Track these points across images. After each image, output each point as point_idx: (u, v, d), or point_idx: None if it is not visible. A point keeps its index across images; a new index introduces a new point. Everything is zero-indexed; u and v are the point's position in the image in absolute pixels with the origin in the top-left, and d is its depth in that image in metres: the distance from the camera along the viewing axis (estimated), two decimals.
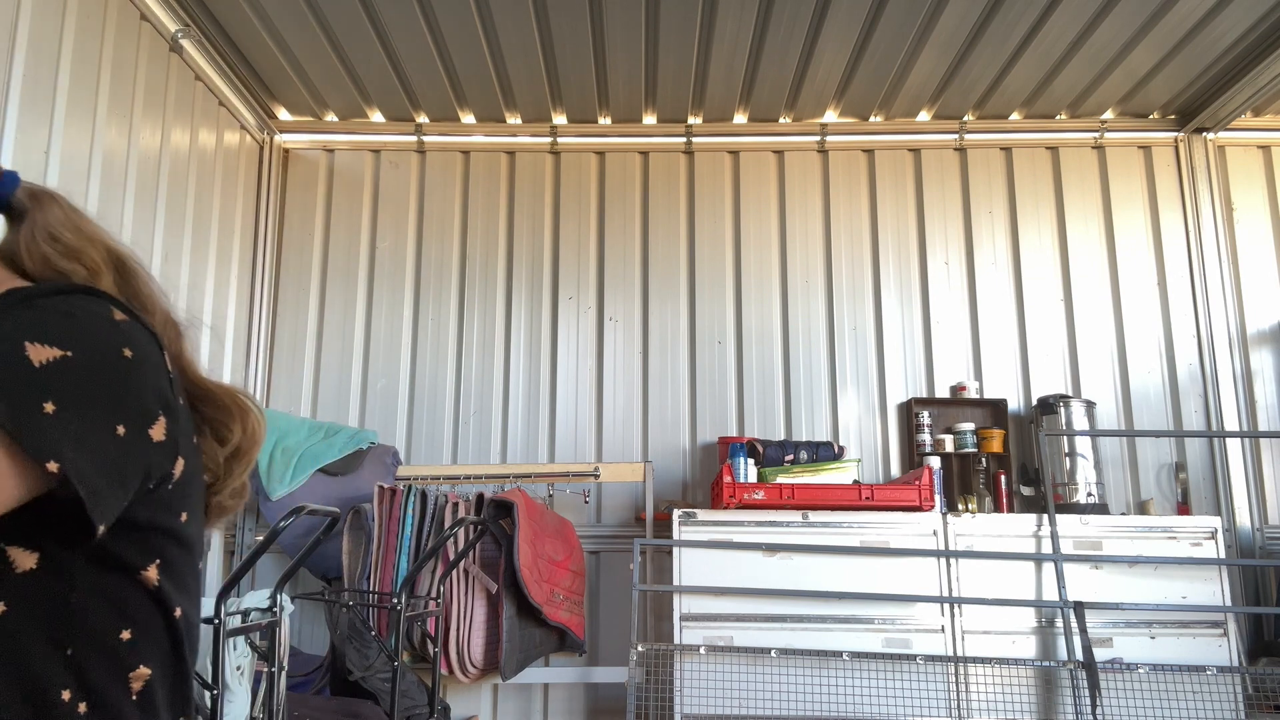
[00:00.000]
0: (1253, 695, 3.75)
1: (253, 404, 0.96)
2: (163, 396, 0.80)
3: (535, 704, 4.37)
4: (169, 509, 0.82)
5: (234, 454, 0.93)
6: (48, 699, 0.71)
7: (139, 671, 0.79)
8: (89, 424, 0.71)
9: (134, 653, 0.78)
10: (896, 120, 4.90)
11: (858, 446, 4.63)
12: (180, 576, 0.83)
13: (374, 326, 4.81)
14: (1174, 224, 4.79)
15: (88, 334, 0.74)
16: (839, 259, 4.84)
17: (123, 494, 0.74)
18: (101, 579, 0.76)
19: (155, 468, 0.78)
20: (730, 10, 3.92)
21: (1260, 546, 4.39)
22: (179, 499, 0.83)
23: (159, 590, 0.80)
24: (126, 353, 0.76)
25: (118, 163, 3.59)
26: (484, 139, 4.98)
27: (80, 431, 0.70)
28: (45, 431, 0.68)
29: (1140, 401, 4.61)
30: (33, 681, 0.71)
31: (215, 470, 0.92)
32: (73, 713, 0.73)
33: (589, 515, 4.58)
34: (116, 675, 0.77)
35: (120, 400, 0.75)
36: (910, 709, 3.67)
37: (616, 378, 4.74)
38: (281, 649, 2.58)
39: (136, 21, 3.71)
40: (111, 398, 0.74)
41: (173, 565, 0.82)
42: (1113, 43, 4.17)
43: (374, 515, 3.86)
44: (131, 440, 0.75)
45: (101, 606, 0.76)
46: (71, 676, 0.73)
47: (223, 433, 0.92)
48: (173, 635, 0.82)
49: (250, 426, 0.95)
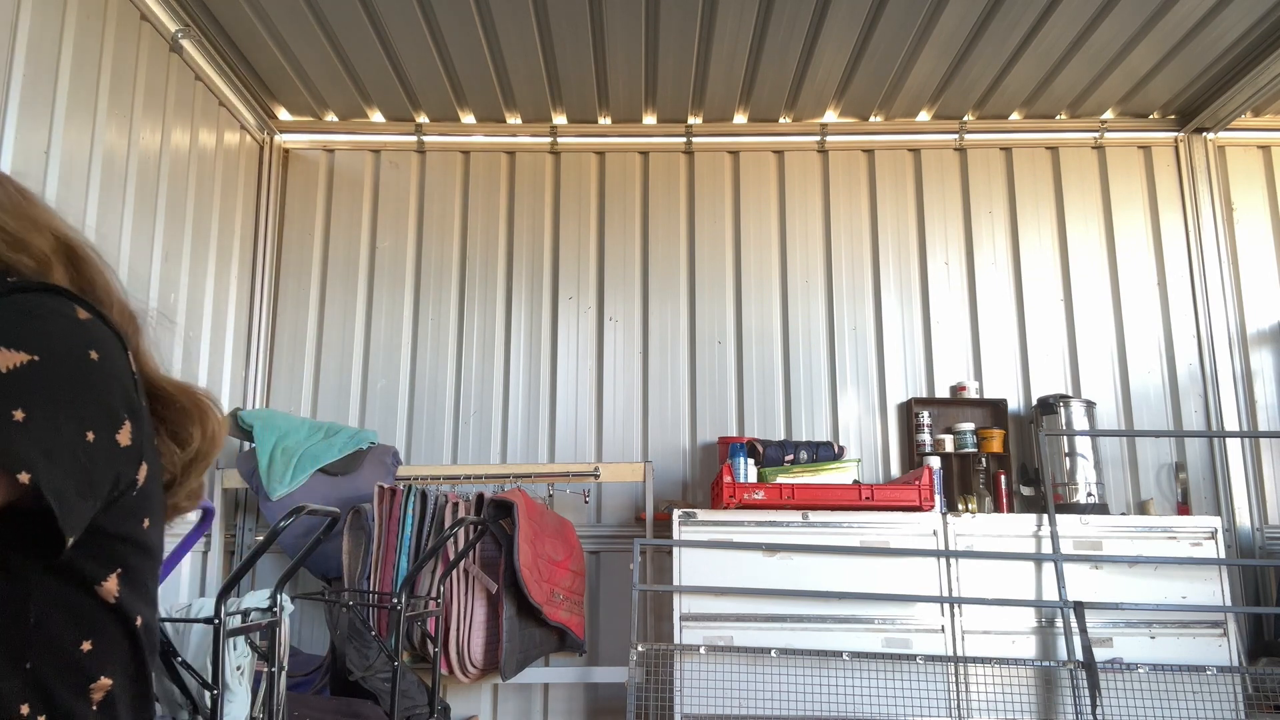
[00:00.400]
0: (1253, 695, 3.75)
1: (213, 405, 0.92)
2: (128, 399, 0.77)
3: (535, 704, 4.37)
4: (133, 516, 0.79)
5: (194, 458, 0.90)
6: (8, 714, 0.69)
7: (100, 682, 0.77)
8: (59, 432, 0.68)
9: (95, 663, 0.76)
10: (896, 120, 4.90)
11: (858, 446, 4.63)
12: (141, 584, 0.81)
13: (374, 326, 4.81)
14: (1174, 224, 4.79)
15: (52, 336, 0.71)
16: (839, 259, 4.84)
17: (92, 504, 0.72)
18: (61, 590, 0.73)
19: (123, 475, 0.76)
20: (730, 10, 3.92)
21: (1260, 546, 4.39)
22: (142, 505, 0.80)
23: (118, 601, 0.78)
24: (93, 355, 0.74)
25: (118, 163, 3.59)
26: (484, 139, 4.98)
27: (51, 440, 0.67)
28: (15, 441, 0.65)
29: (1140, 401, 4.61)
30: None
31: (173, 472, 0.88)
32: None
33: (589, 515, 4.58)
34: (77, 687, 0.74)
35: (88, 405, 0.72)
36: (910, 709, 3.67)
37: (616, 378, 4.74)
38: (281, 649, 2.58)
39: (136, 21, 3.71)
40: (80, 403, 0.71)
41: (134, 573, 0.80)
42: (1113, 43, 4.17)
43: (374, 515, 3.86)
44: (100, 447, 0.72)
45: (61, 618, 0.73)
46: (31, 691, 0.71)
47: (182, 435, 0.88)
48: (133, 643, 0.80)
49: (211, 429, 0.90)
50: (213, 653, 2.31)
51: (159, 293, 3.88)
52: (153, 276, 3.84)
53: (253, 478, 4.14)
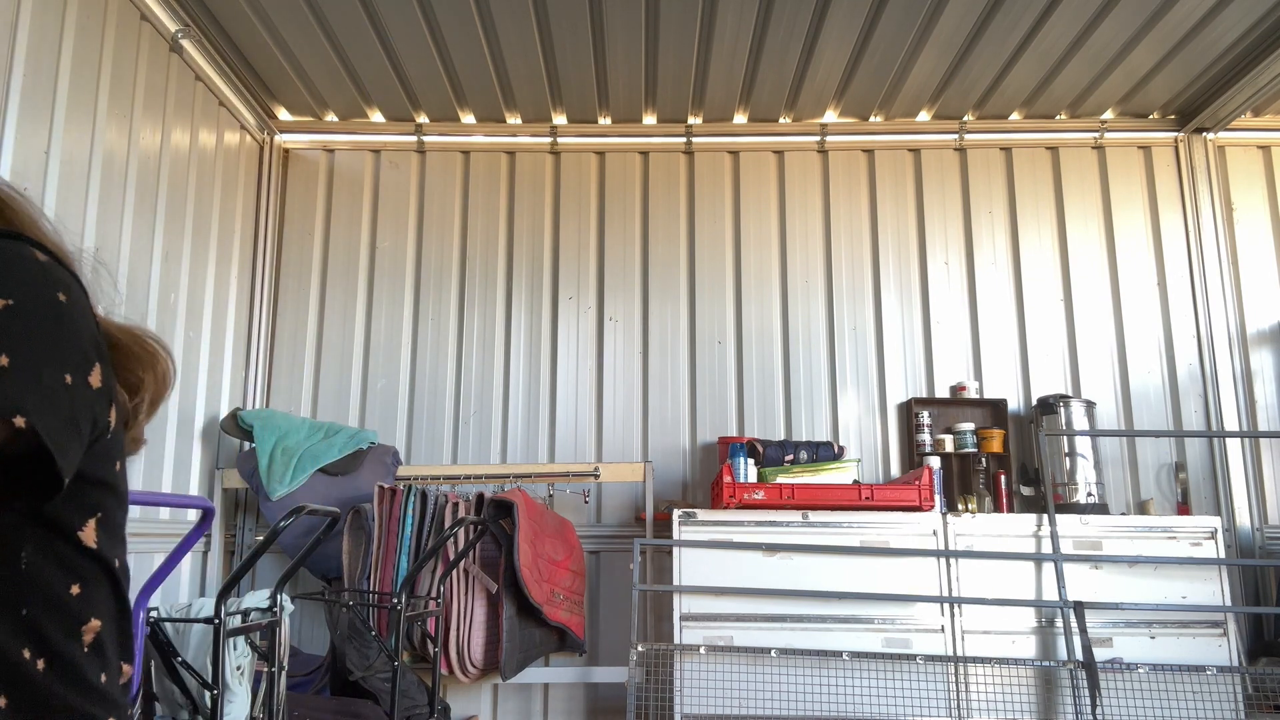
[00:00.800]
0: (1253, 695, 3.75)
1: (160, 347, 0.91)
2: (95, 341, 0.77)
3: (535, 704, 4.37)
4: (108, 459, 0.81)
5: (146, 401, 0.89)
6: (9, 660, 0.71)
7: (91, 624, 0.79)
8: (43, 375, 0.69)
9: (84, 607, 0.78)
10: (896, 120, 4.90)
11: (858, 446, 4.63)
12: (116, 527, 0.83)
13: (374, 326, 4.82)
14: (1174, 224, 4.79)
15: (22, 279, 0.71)
16: (839, 259, 4.84)
17: (80, 445, 0.73)
18: (46, 538, 0.75)
19: (98, 417, 0.77)
20: (730, 10, 3.92)
21: (1260, 546, 4.39)
22: (115, 448, 0.82)
23: (98, 546, 0.80)
24: (61, 297, 0.73)
25: (118, 163, 3.59)
26: (484, 139, 4.98)
27: (36, 384, 0.68)
28: (5, 385, 0.65)
29: (1140, 401, 4.61)
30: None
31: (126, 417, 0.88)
32: (33, 671, 0.73)
33: (589, 515, 4.58)
34: (70, 631, 0.77)
35: (63, 348, 0.72)
36: (910, 709, 3.67)
37: (616, 378, 4.74)
38: (281, 649, 2.59)
39: (136, 21, 3.71)
40: (55, 346, 0.71)
41: (109, 517, 0.82)
42: (1113, 43, 4.17)
43: (374, 515, 3.86)
44: (77, 389, 0.73)
45: (50, 565, 0.75)
46: (28, 636, 0.73)
47: (132, 380, 0.88)
48: (114, 585, 0.83)
49: (161, 371, 0.90)
50: (213, 653, 2.31)
51: (159, 293, 3.88)
52: (153, 277, 3.84)
53: (253, 478, 4.14)
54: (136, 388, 0.88)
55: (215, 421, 4.34)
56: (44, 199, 3.17)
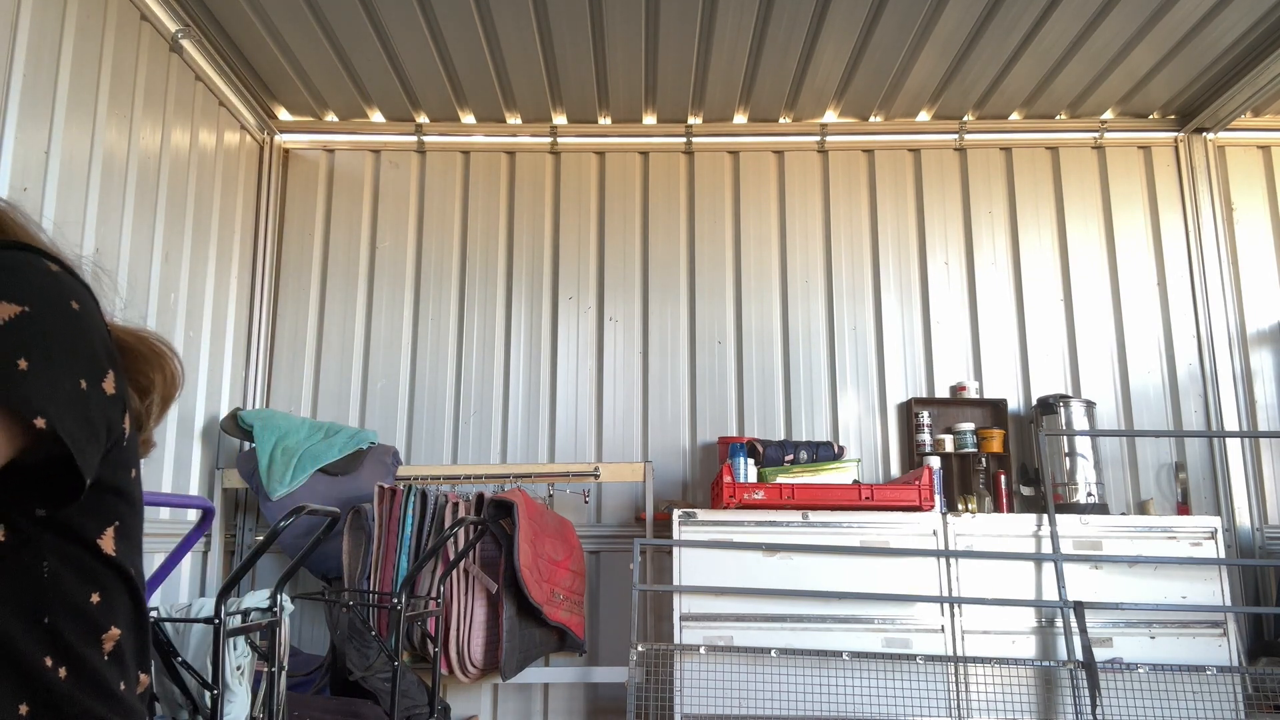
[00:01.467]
0: (1253, 695, 3.75)
1: (168, 348, 0.92)
2: (107, 348, 0.78)
3: (535, 704, 4.37)
4: (123, 466, 0.81)
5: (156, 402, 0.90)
6: (31, 667, 0.72)
7: (111, 632, 0.80)
8: (60, 380, 0.70)
9: (104, 615, 0.79)
10: (896, 120, 4.90)
11: (858, 446, 4.63)
12: (133, 534, 0.84)
13: (374, 326, 4.82)
14: (1174, 224, 4.79)
15: (36, 287, 0.72)
16: (839, 259, 4.84)
17: (98, 449, 0.74)
18: (65, 546, 0.76)
19: (113, 423, 0.78)
20: (730, 10, 3.92)
21: (1260, 546, 4.39)
22: (130, 454, 0.83)
23: (116, 554, 0.81)
24: (74, 305, 0.75)
25: (118, 163, 3.59)
26: (484, 139, 4.98)
27: (55, 388, 0.69)
28: (24, 389, 0.67)
29: (1140, 401, 4.61)
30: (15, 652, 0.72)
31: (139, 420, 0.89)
32: (54, 679, 0.74)
33: (589, 515, 4.58)
34: (91, 639, 0.78)
35: (78, 355, 0.74)
36: (910, 709, 3.67)
37: (616, 378, 4.74)
38: (281, 649, 2.58)
39: (136, 21, 3.71)
40: (70, 353, 0.73)
41: (126, 524, 0.82)
42: (1113, 43, 4.17)
43: (374, 515, 3.86)
44: (92, 395, 0.74)
45: (71, 573, 0.76)
46: (50, 644, 0.74)
47: (143, 382, 0.89)
48: (132, 593, 0.83)
49: (170, 371, 0.91)
50: (213, 653, 2.31)
51: (159, 293, 3.88)
52: (153, 277, 3.84)
53: (253, 478, 4.14)
54: (147, 389, 0.89)
55: (215, 421, 4.34)
56: (44, 199, 3.17)
